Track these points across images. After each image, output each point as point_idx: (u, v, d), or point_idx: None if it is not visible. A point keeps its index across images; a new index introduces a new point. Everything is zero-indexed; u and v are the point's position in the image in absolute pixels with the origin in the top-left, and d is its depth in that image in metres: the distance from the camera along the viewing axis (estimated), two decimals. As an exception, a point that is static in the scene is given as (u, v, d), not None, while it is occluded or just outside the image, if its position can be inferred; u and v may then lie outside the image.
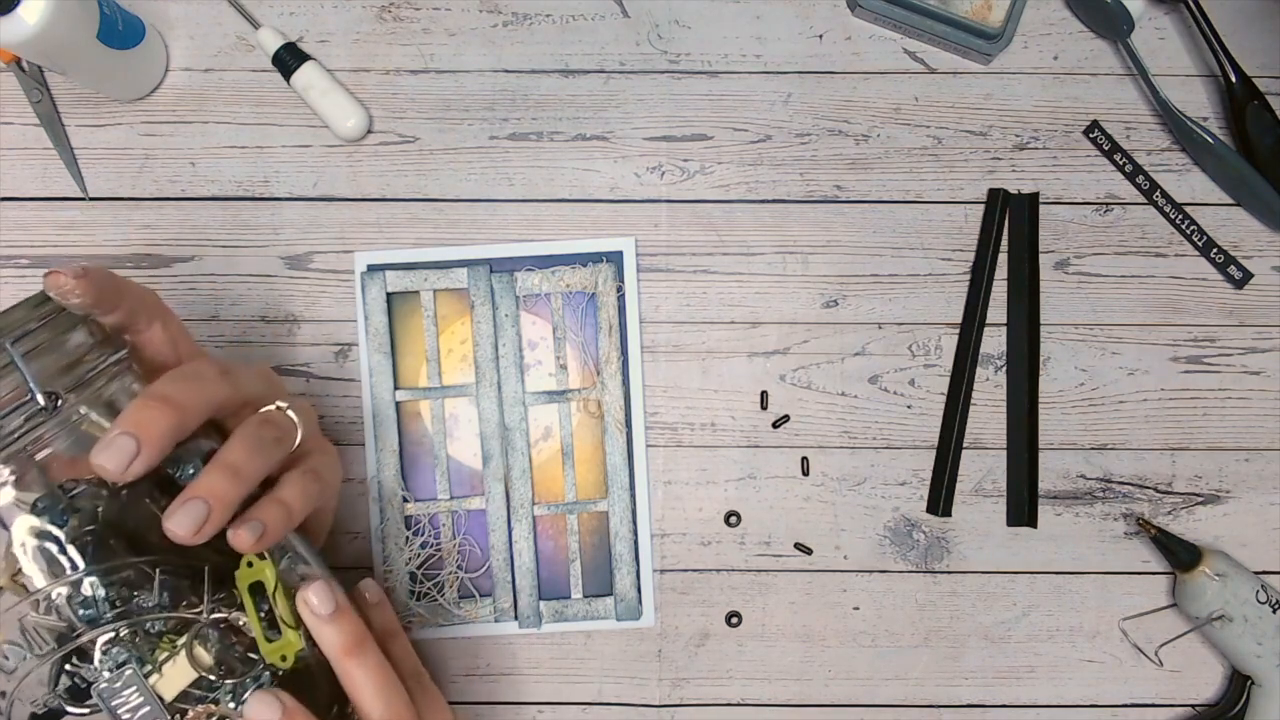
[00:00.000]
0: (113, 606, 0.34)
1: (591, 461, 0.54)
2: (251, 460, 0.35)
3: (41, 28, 0.44)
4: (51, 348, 0.34)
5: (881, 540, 0.54)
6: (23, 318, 0.34)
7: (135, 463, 0.32)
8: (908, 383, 0.54)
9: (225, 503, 0.33)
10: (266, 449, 0.36)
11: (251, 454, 0.35)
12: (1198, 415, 0.54)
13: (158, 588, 0.34)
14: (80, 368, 0.35)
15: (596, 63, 0.55)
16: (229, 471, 0.34)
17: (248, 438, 0.36)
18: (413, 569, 0.53)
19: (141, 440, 0.32)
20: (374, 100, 0.55)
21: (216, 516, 0.33)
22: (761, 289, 0.54)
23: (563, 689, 0.54)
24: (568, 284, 0.53)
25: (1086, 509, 0.54)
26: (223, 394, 0.36)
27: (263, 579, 0.36)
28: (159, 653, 0.35)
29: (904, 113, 0.55)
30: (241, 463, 0.35)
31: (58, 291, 0.34)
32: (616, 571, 0.53)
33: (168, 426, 0.33)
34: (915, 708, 0.54)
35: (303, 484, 0.38)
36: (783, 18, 0.55)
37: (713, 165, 0.55)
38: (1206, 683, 0.54)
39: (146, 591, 0.35)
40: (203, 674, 0.35)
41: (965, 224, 0.55)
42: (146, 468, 0.32)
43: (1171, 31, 0.55)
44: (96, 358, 0.36)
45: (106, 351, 0.36)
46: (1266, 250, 0.54)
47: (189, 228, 0.54)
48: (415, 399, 0.53)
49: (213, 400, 0.35)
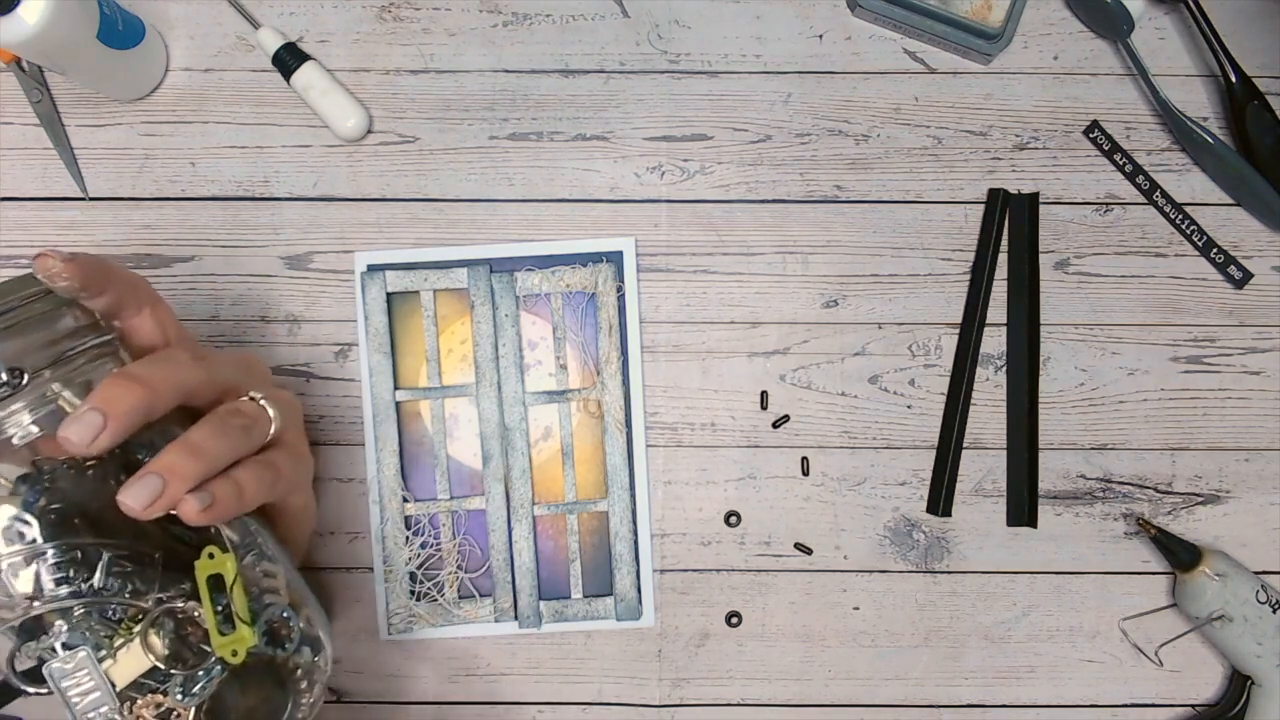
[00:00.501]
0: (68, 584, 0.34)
1: (591, 461, 0.54)
2: (213, 442, 0.35)
3: (41, 28, 0.44)
4: (33, 326, 0.35)
5: (881, 540, 0.54)
6: (5, 295, 0.35)
7: (101, 437, 0.32)
8: (908, 383, 0.54)
9: (181, 479, 0.33)
10: (232, 435, 0.36)
11: (214, 437, 0.35)
12: (1198, 415, 0.54)
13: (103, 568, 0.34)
14: (59, 347, 0.35)
15: (596, 63, 0.55)
16: (188, 450, 0.34)
17: (212, 421, 0.36)
18: (413, 569, 0.53)
19: (108, 415, 0.32)
20: (374, 100, 0.55)
21: (171, 492, 0.33)
22: (761, 289, 0.54)
23: (563, 689, 0.54)
24: (568, 284, 0.53)
25: (1086, 509, 0.54)
26: (195, 378, 0.36)
27: (222, 571, 0.35)
28: (115, 639, 0.35)
29: (904, 113, 0.55)
30: (202, 443, 0.35)
31: (45, 274, 0.35)
32: (616, 571, 0.53)
33: (136, 403, 0.33)
34: (915, 708, 0.54)
35: (257, 470, 0.37)
36: (783, 18, 0.55)
37: (713, 165, 0.55)
38: (1206, 683, 0.54)
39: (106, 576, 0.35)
40: (156, 664, 0.35)
41: (965, 224, 0.55)
42: (112, 443, 0.32)
43: (1171, 31, 0.55)
44: (80, 340, 0.36)
45: (91, 335, 0.37)
46: (1266, 250, 0.54)
47: (189, 228, 0.54)
48: (415, 399, 0.53)
49: (184, 384, 0.36)
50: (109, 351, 0.37)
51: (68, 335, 0.36)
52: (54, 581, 0.34)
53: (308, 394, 0.54)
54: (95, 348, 0.37)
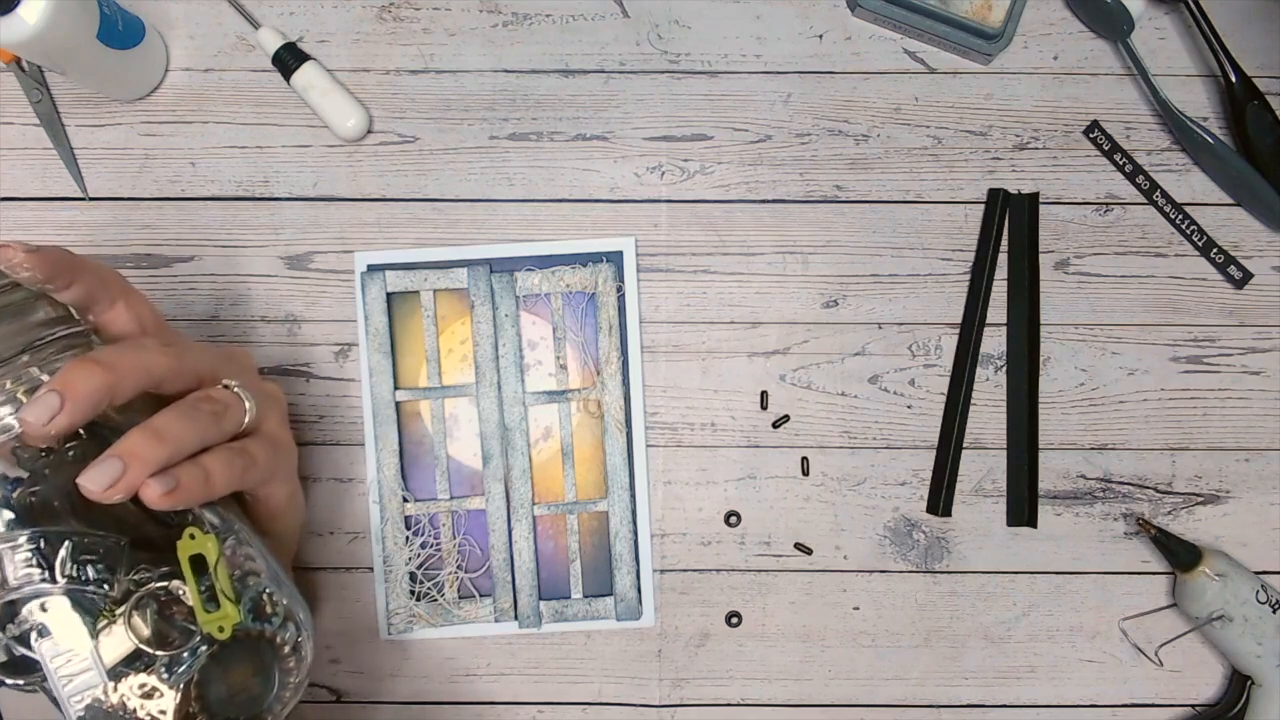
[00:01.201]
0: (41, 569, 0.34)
1: (591, 461, 0.54)
2: (178, 427, 0.35)
3: (41, 28, 0.44)
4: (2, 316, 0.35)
5: (881, 540, 0.54)
6: None
7: (58, 418, 0.32)
8: (908, 383, 0.54)
9: (142, 462, 0.33)
10: (200, 421, 0.36)
11: (180, 421, 0.35)
12: (1198, 415, 0.54)
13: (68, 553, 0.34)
14: (29, 335, 0.35)
15: (596, 63, 0.55)
16: (151, 434, 0.34)
17: (180, 407, 0.36)
18: (413, 569, 0.53)
19: (66, 397, 0.32)
20: (374, 100, 0.55)
21: (131, 475, 0.33)
22: (761, 289, 0.54)
23: (563, 689, 0.54)
24: (568, 284, 0.53)
25: (1086, 509, 0.54)
26: (162, 364, 0.36)
27: (204, 551, 0.36)
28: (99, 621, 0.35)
29: (904, 113, 0.55)
30: (165, 428, 0.34)
31: (7, 265, 0.35)
32: (616, 571, 0.53)
33: (96, 386, 0.33)
34: (915, 708, 0.54)
35: (228, 456, 0.37)
36: (783, 18, 0.55)
37: (713, 165, 0.55)
38: (1206, 683, 0.54)
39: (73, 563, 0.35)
40: (140, 645, 0.35)
41: (965, 224, 0.55)
42: (70, 424, 0.32)
43: (1171, 31, 0.55)
44: (50, 330, 0.36)
45: (62, 327, 0.37)
46: (1266, 250, 0.54)
47: (189, 228, 0.54)
48: (415, 399, 0.53)
49: (149, 368, 0.35)
50: (81, 342, 0.37)
51: (39, 325, 0.36)
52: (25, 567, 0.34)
53: (308, 394, 0.54)
54: (66, 338, 0.37)
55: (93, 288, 0.38)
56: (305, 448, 0.53)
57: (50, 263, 0.35)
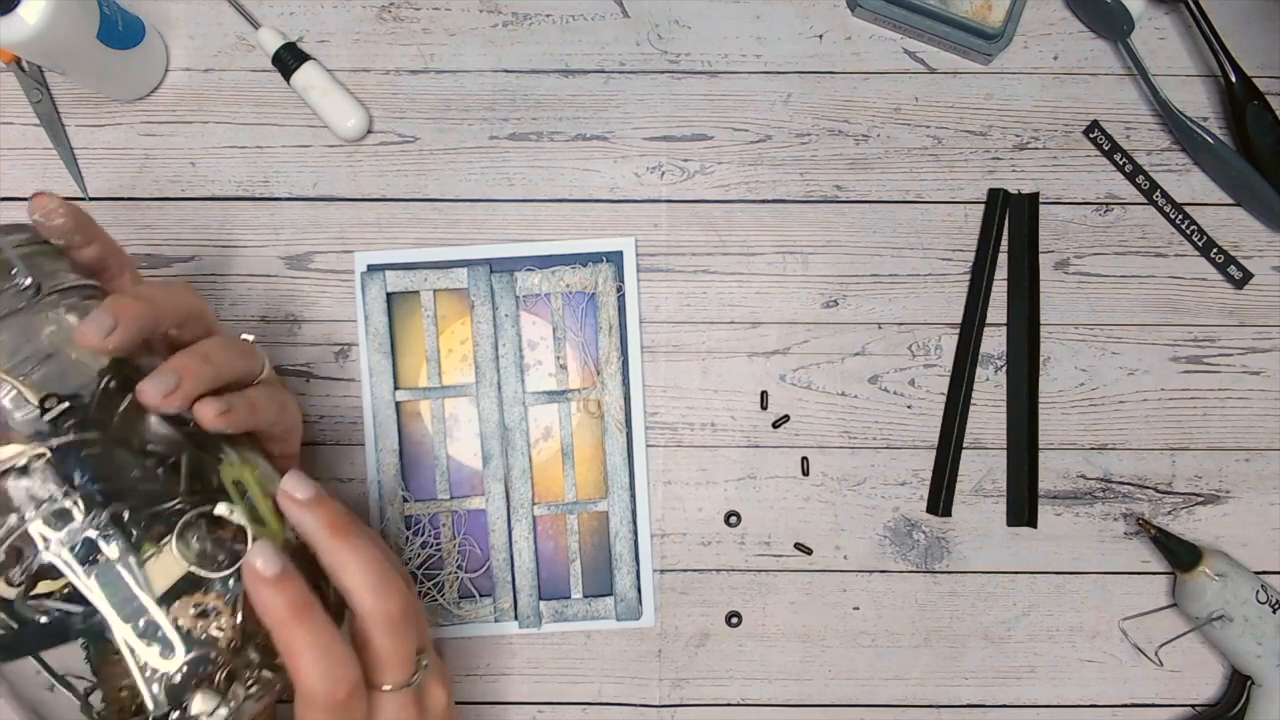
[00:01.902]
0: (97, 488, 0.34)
1: (591, 461, 0.54)
2: (220, 354, 0.37)
3: (41, 28, 0.44)
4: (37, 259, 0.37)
5: (881, 540, 0.54)
6: None
7: (114, 334, 0.34)
8: (908, 383, 0.54)
9: (194, 377, 0.35)
10: (237, 352, 0.38)
11: (221, 349, 0.37)
12: (1198, 415, 0.54)
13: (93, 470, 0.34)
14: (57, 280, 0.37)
15: (596, 63, 0.55)
16: (199, 355, 0.36)
17: (220, 338, 0.39)
18: (413, 569, 0.53)
19: (119, 318, 0.34)
20: (374, 100, 0.55)
21: (186, 387, 0.35)
22: (761, 289, 0.54)
23: (563, 689, 0.54)
24: (568, 284, 0.53)
25: (1086, 509, 0.54)
26: (192, 304, 0.39)
27: (241, 477, 0.36)
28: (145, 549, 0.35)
29: (904, 113, 0.55)
30: (211, 351, 0.37)
31: (42, 211, 0.37)
32: (616, 571, 0.53)
33: (142, 312, 0.35)
34: (915, 708, 0.54)
35: (269, 391, 0.40)
36: (783, 18, 0.55)
37: (713, 165, 0.55)
38: (1206, 683, 0.54)
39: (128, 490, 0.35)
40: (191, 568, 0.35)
41: (965, 224, 0.55)
42: (123, 342, 0.34)
43: (1171, 31, 0.55)
44: (73, 278, 0.38)
45: (80, 278, 0.38)
46: (1266, 250, 0.54)
47: (189, 228, 0.54)
48: (415, 399, 0.53)
49: (182, 306, 0.38)
50: (96, 294, 0.38)
51: (66, 271, 0.38)
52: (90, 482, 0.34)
53: (308, 394, 0.54)
54: (85, 288, 0.38)
55: (107, 252, 0.40)
56: (305, 448, 0.53)
57: (78, 214, 0.38)
